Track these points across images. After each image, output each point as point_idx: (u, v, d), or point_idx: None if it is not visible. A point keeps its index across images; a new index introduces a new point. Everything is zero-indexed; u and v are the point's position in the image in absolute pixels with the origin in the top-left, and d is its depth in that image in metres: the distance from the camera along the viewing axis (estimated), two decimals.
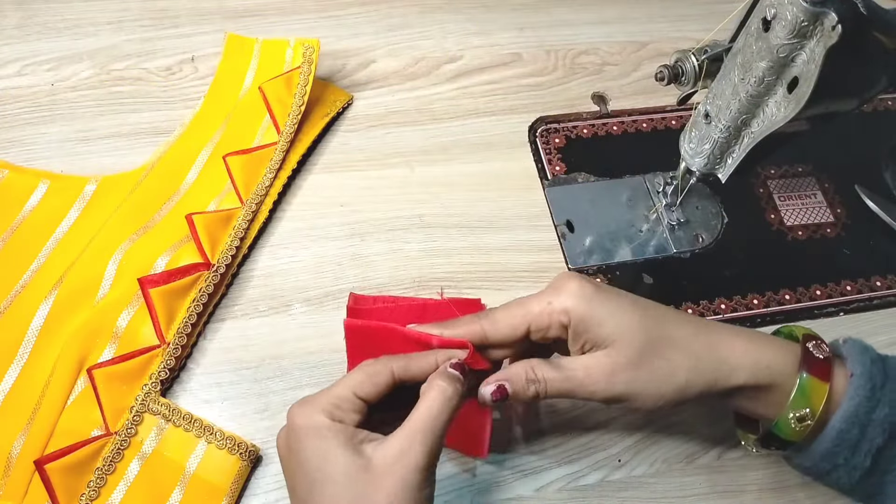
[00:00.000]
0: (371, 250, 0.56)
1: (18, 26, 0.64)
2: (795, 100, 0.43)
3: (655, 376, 0.40)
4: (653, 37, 0.72)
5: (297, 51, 0.61)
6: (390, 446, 0.36)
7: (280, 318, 0.52)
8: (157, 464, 0.45)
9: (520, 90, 0.66)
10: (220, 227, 0.53)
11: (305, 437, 0.36)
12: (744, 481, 0.50)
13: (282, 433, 0.38)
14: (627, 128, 0.65)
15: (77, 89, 0.61)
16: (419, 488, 0.35)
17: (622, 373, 0.39)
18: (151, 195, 0.55)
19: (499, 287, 0.55)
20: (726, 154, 0.50)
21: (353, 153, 0.60)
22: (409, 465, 0.35)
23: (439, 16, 0.70)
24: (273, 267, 0.54)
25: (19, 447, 0.45)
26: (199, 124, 0.59)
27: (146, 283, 0.49)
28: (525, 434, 0.50)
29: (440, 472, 0.47)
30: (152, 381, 0.47)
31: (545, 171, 0.61)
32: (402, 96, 0.64)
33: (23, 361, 0.48)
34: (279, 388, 0.49)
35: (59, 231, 0.53)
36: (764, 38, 0.43)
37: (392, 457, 0.35)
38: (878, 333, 0.56)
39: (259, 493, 0.46)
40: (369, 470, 0.35)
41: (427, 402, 0.37)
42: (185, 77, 0.63)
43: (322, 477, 0.35)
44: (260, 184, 0.55)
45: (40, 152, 0.57)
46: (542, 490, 0.48)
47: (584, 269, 0.56)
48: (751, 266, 0.58)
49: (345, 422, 0.37)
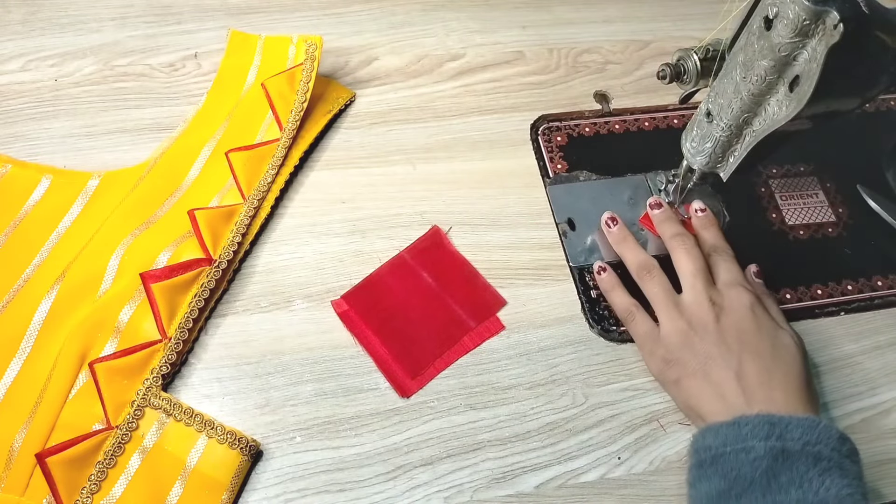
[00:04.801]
0: (373, 247, 0.56)
1: (22, 22, 0.64)
2: (797, 98, 0.43)
3: None
4: (655, 35, 0.72)
5: (300, 48, 0.61)
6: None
7: (281, 314, 0.52)
8: (158, 458, 0.45)
9: (522, 88, 0.66)
10: (222, 222, 0.53)
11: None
12: None
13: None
14: (629, 126, 0.65)
15: (80, 85, 0.61)
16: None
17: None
18: (154, 191, 0.55)
19: (500, 284, 0.55)
20: (728, 153, 0.50)
21: (355, 150, 0.61)
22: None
23: (442, 13, 0.70)
24: (274, 263, 0.54)
25: (21, 440, 0.45)
26: (201, 120, 0.59)
27: (148, 278, 0.49)
28: (526, 431, 0.50)
29: (440, 467, 0.48)
30: (153, 375, 0.47)
31: (547, 169, 0.61)
32: (404, 94, 0.64)
33: (25, 355, 0.48)
34: (280, 384, 0.50)
35: (62, 226, 0.54)
36: (766, 37, 0.43)
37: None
38: (879, 333, 0.56)
39: (259, 487, 0.46)
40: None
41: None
42: (188, 73, 0.63)
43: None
44: (262, 180, 0.56)
45: (43, 147, 0.58)
46: (541, 487, 0.48)
47: (585, 267, 0.56)
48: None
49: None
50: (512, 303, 0.54)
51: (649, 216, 0.57)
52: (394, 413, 0.49)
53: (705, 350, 0.48)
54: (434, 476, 0.48)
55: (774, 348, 0.47)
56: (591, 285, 0.56)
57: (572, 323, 0.54)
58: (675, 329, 0.49)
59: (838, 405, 0.53)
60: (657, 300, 0.51)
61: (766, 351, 0.47)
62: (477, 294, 0.54)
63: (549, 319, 0.54)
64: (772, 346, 0.47)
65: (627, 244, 0.54)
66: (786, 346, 0.48)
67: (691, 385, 0.48)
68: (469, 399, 0.51)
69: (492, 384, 0.51)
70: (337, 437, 0.48)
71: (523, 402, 0.51)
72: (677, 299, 0.50)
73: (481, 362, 0.52)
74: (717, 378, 0.47)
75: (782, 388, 0.45)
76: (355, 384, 0.50)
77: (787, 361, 0.47)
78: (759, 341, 0.47)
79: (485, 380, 0.51)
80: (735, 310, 0.49)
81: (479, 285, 0.54)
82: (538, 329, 0.54)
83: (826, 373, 0.54)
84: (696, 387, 0.47)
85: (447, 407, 0.50)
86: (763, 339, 0.47)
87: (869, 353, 0.56)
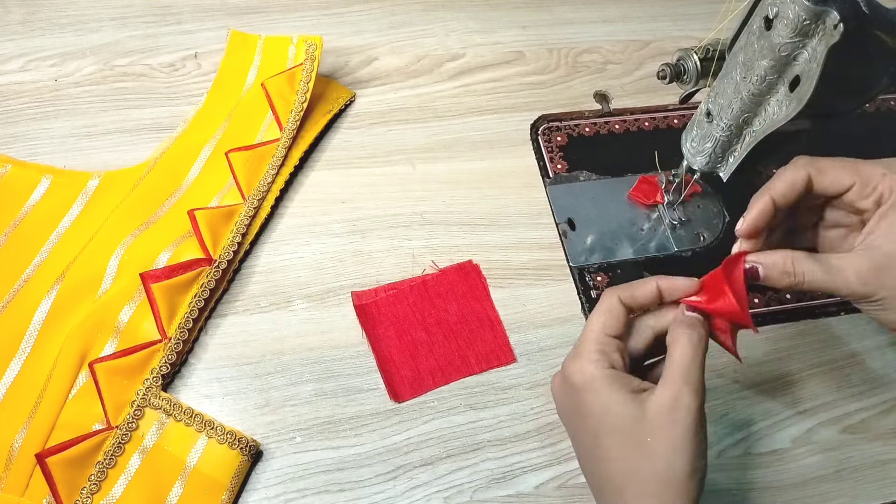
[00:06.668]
0: (372, 247, 0.56)
1: (22, 22, 0.64)
2: (797, 98, 0.43)
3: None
4: (655, 35, 0.72)
5: (300, 48, 0.61)
6: (661, 396, 0.38)
7: (281, 314, 0.52)
8: (158, 458, 0.45)
9: (522, 88, 0.66)
10: (222, 222, 0.53)
11: (585, 392, 0.39)
12: (742, 480, 0.50)
13: (558, 385, 0.42)
14: (629, 126, 0.65)
15: (80, 85, 0.61)
16: (696, 432, 0.37)
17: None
18: (154, 191, 0.55)
19: (500, 284, 0.55)
20: (728, 153, 0.50)
21: (355, 150, 0.61)
22: (682, 412, 0.37)
23: (442, 13, 0.70)
24: (274, 263, 0.54)
25: (21, 440, 0.45)
26: (201, 120, 0.59)
27: (148, 278, 0.49)
28: (526, 431, 0.50)
29: (440, 467, 0.48)
30: (153, 375, 0.47)
31: (547, 169, 0.61)
32: (404, 94, 0.64)
33: (25, 355, 0.48)
34: (280, 384, 0.50)
35: (62, 226, 0.54)
36: (766, 37, 0.43)
37: (666, 406, 0.37)
38: (879, 333, 0.56)
39: (259, 487, 0.46)
40: (647, 420, 0.38)
41: (680, 350, 0.39)
42: (188, 73, 0.63)
43: (605, 429, 0.38)
44: (262, 180, 0.56)
45: (43, 147, 0.58)
46: (541, 487, 0.48)
47: (585, 267, 0.56)
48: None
49: (615, 366, 0.39)
50: (512, 303, 0.54)
51: (640, 189, 0.58)
52: (394, 413, 0.49)
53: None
54: (434, 476, 0.48)
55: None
56: (590, 285, 0.56)
57: (572, 323, 0.54)
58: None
59: (838, 405, 0.53)
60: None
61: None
62: (491, 342, 0.53)
63: (549, 319, 0.54)
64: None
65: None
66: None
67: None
68: (469, 399, 0.51)
69: (492, 384, 0.51)
70: (337, 437, 0.48)
71: (523, 402, 0.51)
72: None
73: None
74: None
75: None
76: (355, 384, 0.50)
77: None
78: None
79: (485, 380, 0.51)
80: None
81: (498, 335, 0.53)
82: (538, 329, 0.54)
83: (826, 373, 0.54)
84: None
85: (447, 407, 0.50)
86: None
87: (869, 353, 0.56)
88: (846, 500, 0.50)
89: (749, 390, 0.53)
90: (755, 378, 0.54)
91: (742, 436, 0.51)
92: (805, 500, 0.50)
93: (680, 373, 0.38)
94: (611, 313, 0.41)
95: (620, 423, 0.38)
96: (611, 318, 0.41)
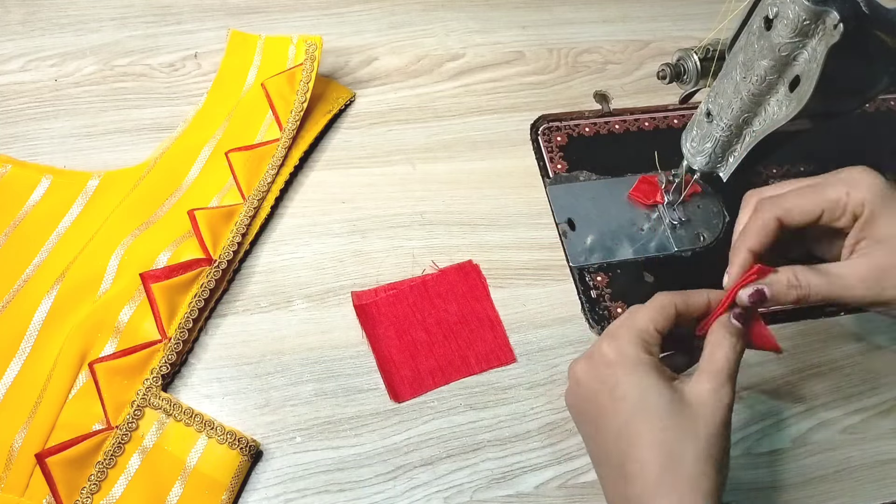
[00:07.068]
0: (372, 247, 0.56)
1: (22, 22, 0.64)
2: (797, 98, 0.43)
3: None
4: (655, 35, 0.72)
5: (300, 48, 0.61)
6: (702, 386, 0.39)
7: (281, 314, 0.52)
8: (158, 458, 0.45)
9: (522, 88, 0.66)
10: (222, 222, 0.53)
11: (622, 372, 0.39)
12: (742, 480, 0.50)
13: (583, 366, 0.41)
14: (629, 126, 0.65)
15: (80, 85, 0.61)
16: (727, 425, 0.38)
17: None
18: (154, 191, 0.55)
19: (500, 284, 0.55)
20: (728, 153, 0.50)
21: (354, 150, 0.61)
22: (722, 403, 0.38)
23: (442, 13, 0.70)
24: (274, 263, 0.54)
25: (21, 440, 0.45)
26: (201, 120, 0.59)
27: (148, 278, 0.49)
28: (526, 431, 0.50)
29: (440, 467, 0.48)
30: (153, 375, 0.47)
31: (547, 169, 0.61)
32: (404, 94, 0.64)
33: (25, 355, 0.48)
34: (280, 384, 0.50)
35: (62, 226, 0.54)
36: (766, 37, 0.43)
37: (707, 394, 0.38)
38: (879, 333, 0.56)
39: (259, 487, 0.46)
40: (687, 404, 0.38)
41: (723, 352, 0.40)
42: (188, 73, 0.63)
43: (645, 409, 0.38)
44: (262, 180, 0.56)
45: (43, 147, 0.58)
46: (541, 487, 0.48)
47: (585, 267, 0.56)
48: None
49: (653, 355, 0.40)
50: (512, 303, 0.54)
51: (640, 189, 0.59)
52: (394, 413, 0.49)
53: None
54: (434, 476, 0.48)
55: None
56: (590, 285, 0.56)
57: (572, 323, 0.54)
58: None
59: (838, 405, 0.53)
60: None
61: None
62: (491, 342, 0.53)
63: (549, 319, 0.54)
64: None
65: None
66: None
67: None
68: (469, 399, 0.51)
69: (492, 384, 0.51)
70: (337, 437, 0.48)
71: (523, 402, 0.51)
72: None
73: None
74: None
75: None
76: (355, 384, 0.50)
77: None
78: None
79: (485, 380, 0.51)
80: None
81: (497, 335, 0.53)
82: (538, 329, 0.54)
83: (826, 373, 0.54)
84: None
85: (447, 407, 0.50)
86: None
87: (869, 353, 0.56)
88: (846, 500, 0.50)
89: (749, 390, 0.53)
90: (755, 378, 0.54)
91: (742, 436, 0.51)
92: (805, 500, 0.50)
93: (723, 368, 0.39)
94: (664, 311, 0.41)
95: (662, 405, 0.38)
96: (662, 315, 0.41)
